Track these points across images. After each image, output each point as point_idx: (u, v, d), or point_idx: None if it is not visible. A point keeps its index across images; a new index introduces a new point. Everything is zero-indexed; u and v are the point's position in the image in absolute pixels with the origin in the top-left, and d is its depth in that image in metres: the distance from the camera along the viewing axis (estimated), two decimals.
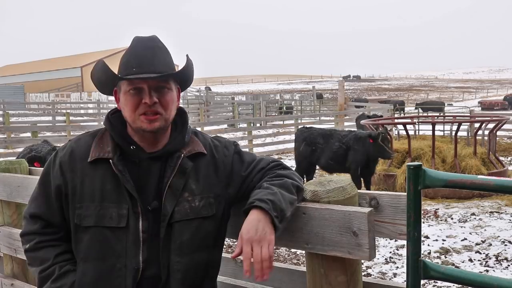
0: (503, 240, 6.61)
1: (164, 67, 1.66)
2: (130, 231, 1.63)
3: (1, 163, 2.94)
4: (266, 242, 1.54)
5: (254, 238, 1.53)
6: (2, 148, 14.43)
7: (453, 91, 71.19)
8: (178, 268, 1.65)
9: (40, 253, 1.73)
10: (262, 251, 1.53)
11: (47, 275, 1.71)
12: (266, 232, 1.55)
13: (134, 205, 1.64)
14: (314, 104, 35.33)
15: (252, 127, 17.18)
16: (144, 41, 1.69)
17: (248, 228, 1.56)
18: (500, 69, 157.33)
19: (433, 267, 1.49)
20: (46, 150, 5.57)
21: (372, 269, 5.77)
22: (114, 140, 1.71)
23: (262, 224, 1.56)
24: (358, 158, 8.51)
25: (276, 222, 1.57)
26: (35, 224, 1.75)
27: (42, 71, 71.90)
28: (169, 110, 1.69)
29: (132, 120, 1.67)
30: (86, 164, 1.68)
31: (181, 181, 1.68)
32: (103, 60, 1.70)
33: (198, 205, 1.68)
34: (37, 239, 1.74)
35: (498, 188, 1.34)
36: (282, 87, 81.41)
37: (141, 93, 1.65)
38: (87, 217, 1.65)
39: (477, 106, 37.60)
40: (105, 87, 1.76)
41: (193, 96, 39.62)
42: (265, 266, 1.53)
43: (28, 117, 25.95)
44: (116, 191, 1.65)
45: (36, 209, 1.76)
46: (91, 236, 1.65)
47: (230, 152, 1.79)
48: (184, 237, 1.66)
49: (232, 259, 2.29)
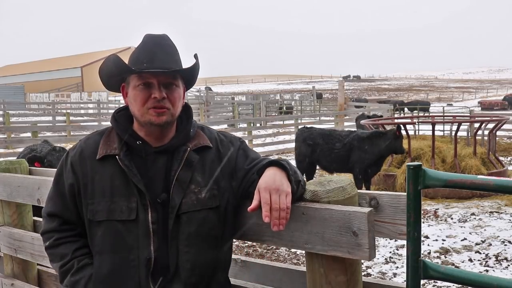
0: (503, 240, 6.61)
1: (174, 64, 1.72)
2: (140, 223, 1.69)
3: (1, 163, 2.94)
4: (284, 192, 1.59)
5: (272, 186, 1.58)
6: (2, 148, 14.44)
7: (453, 91, 71.19)
8: (187, 258, 1.70)
9: (59, 249, 1.81)
10: (281, 199, 1.58)
11: (67, 270, 1.79)
12: (283, 183, 1.61)
13: (143, 198, 1.69)
14: (314, 104, 35.33)
15: (252, 127, 17.20)
16: (155, 39, 1.74)
17: (265, 179, 1.61)
18: (500, 69, 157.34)
19: (433, 267, 1.49)
20: (46, 150, 5.57)
21: (372, 269, 5.77)
22: (120, 136, 1.76)
23: (279, 176, 1.62)
24: (366, 157, 8.50)
25: (292, 179, 1.63)
26: (53, 222, 1.84)
27: (42, 71, 71.95)
28: (176, 107, 1.74)
29: (140, 114, 1.72)
30: (95, 161, 1.75)
31: (188, 173, 1.73)
32: (116, 54, 1.75)
33: (204, 197, 1.73)
34: (56, 236, 1.82)
35: (498, 188, 1.35)
36: (282, 87, 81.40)
37: (150, 88, 1.70)
38: (99, 212, 1.72)
39: (477, 106, 37.61)
40: (113, 82, 1.81)
41: (193, 96, 39.59)
42: (282, 215, 1.57)
43: (28, 117, 25.96)
44: (124, 185, 1.71)
45: (53, 208, 1.84)
46: (104, 230, 1.72)
47: (235, 147, 1.84)
48: (192, 228, 1.71)
49: (233, 259, 2.29)
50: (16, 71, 79.04)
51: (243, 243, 6.72)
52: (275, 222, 1.56)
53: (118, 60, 1.72)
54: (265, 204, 1.57)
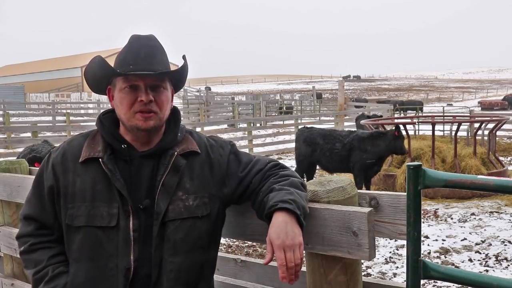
0: (503, 240, 6.61)
1: (161, 66, 1.66)
2: (121, 230, 1.62)
3: (1, 163, 2.94)
4: (297, 245, 1.53)
5: (286, 242, 1.51)
6: (2, 148, 14.44)
7: (453, 91, 71.20)
8: (171, 268, 1.64)
9: (34, 255, 1.73)
10: (295, 255, 1.52)
11: (40, 277, 1.71)
12: (295, 234, 1.54)
13: (125, 204, 1.63)
14: (314, 104, 35.34)
15: (252, 127, 17.18)
16: (142, 40, 1.68)
17: (277, 232, 1.53)
18: (500, 69, 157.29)
19: (433, 267, 1.49)
20: (46, 150, 5.58)
21: (372, 269, 5.77)
22: (105, 139, 1.70)
23: (290, 226, 1.54)
24: (366, 157, 8.50)
25: (302, 220, 1.57)
26: (29, 226, 1.76)
27: (42, 71, 71.94)
28: (164, 110, 1.68)
29: (126, 118, 1.66)
30: (78, 164, 1.68)
31: (174, 178, 1.67)
32: (101, 56, 1.68)
33: (192, 204, 1.67)
34: (31, 241, 1.74)
35: (498, 188, 1.35)
36: (282, 87, 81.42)
37: (137, 91, 1.64)
38: (78, 217, 1.64)
39: (477, 106, 37.62)
40: (100, 84, 1.74)
41: (193, 96, 39.62)
42: (297, 269, 1.53)
43: (28, 117, 25.96)
44: (106, 190, 1.64)
45: (30, 210, 1.76)
46: (82, 236, 1.64)
47: (226, 152, 1.78)
48: (178, 236, 1.65)
49: (233, 259, 2.29)
50: (16, 71, 79.04)
51: (243, 243, 6.72)
52: (292, 278, 1.52)
53: (102, 62, 1.66)
54: (281, 266, 1.51)
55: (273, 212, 1.57)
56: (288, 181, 1.67)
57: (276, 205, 1.57)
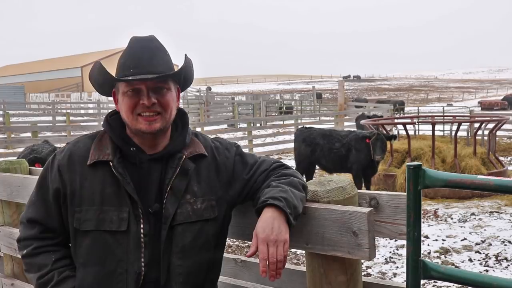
0: (502, 240, 6.61)
1: (162, 67, 1.63)
2: (131, 234, 1.60)
3: (2, 163, 2.95)
4: (281, 241, 1.53)
5: (271, 237, 1.52)
6: (2, 148, 14.44)
7: (453, 91, 71.17)
8: (180, 271, 1.63)
9: (38, 258, 1.69)
10: (278, 251, 1.52)
11: (45, 282, 1.67)
12: (281, 230, 1.53)
13: (135, 208, 1.61)
14: (314, 104, 35.33)
15: (252, 127, 17.18)
16: (142, 41, 1.66)
17: (263, 227, 1.53)
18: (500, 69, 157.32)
19: (433, 267, 1.49)
20: (47, 150, 5.59)
21: (372, 269, 5.77)
22: (113, 142, 1.68)
23: (277, 222, 1.54)
24: (362, 158, 8.50)
25: (291, 219, 1.56)
26: (33, 229, 1.71)
27: (42, 71, 71.91)
28: (169, 111, 1.66)
29: (130, 121, 1.64)
30: (86, 167, 1.65)
31: (183, 182, 1.65)
32: (100, 62, 1.67)
33: (200, 208, 1.66)
34: (35, 245, 1.70)
35: (498, 188, 1.35)
36: (282, 87, 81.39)
37: (139, 94, 1.62)
38: (86, 221, 1.62)
39: (477, 106, 37.59)
40: (103, 89, 1.74)
41: (193, 96, 39.61)
42: (279, 266, 1.52)
43: (28, 117, 25.97)
44: (116, 194, 1.62)
45: (34, 213, 1.72)
46: (91, 240, 1.62)
47: (232, 154, 1.77)
48: (186, 240, 1.64)
49: (233, 259, 2.29)
50: (16, 71, 79.01)
51: (243, 243, 6.72)
52: (272, 274, 1.51)
53: (101, 68, 1.64)
54: (263, 260, 1.51)
55: (264, 208, 1.58)
56: (288, 180, 1.68)
57: (266, 201, 1.58)
